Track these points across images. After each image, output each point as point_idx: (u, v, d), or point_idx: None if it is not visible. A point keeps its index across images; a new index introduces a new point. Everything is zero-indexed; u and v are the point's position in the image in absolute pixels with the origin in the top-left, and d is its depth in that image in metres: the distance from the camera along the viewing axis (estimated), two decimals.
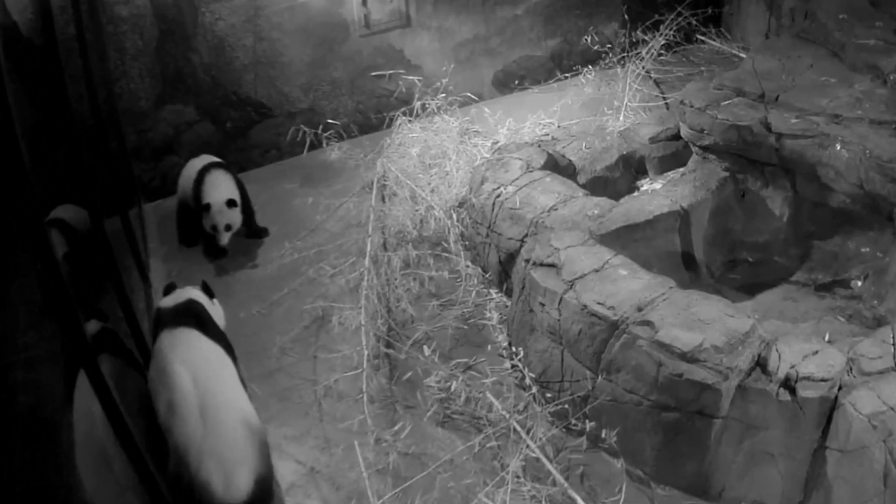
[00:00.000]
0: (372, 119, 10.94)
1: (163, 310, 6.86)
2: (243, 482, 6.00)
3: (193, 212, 8.91)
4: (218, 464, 5.96)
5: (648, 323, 6.42)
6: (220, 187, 8.89)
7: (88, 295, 6.15)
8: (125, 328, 6.91)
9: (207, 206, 8.75)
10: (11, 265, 5.05)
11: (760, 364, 6.24)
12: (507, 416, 6.96)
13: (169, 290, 7.14)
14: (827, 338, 6.93)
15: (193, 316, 6.77)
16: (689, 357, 6.17)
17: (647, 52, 11.22)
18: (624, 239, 7.74)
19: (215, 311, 7.10)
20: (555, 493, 6.47)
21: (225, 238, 8.82)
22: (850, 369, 6.12)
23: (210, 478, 5.93)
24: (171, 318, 6.72)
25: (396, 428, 7.04)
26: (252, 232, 9.26)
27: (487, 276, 8.46)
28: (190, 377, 6.21)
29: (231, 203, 8.78)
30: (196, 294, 7.06)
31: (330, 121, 10.46)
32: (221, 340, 6.75)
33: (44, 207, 4.95)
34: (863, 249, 7.95)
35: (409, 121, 10.37)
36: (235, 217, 8.88)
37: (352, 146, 10.36)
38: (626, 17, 11.68)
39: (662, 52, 11.38)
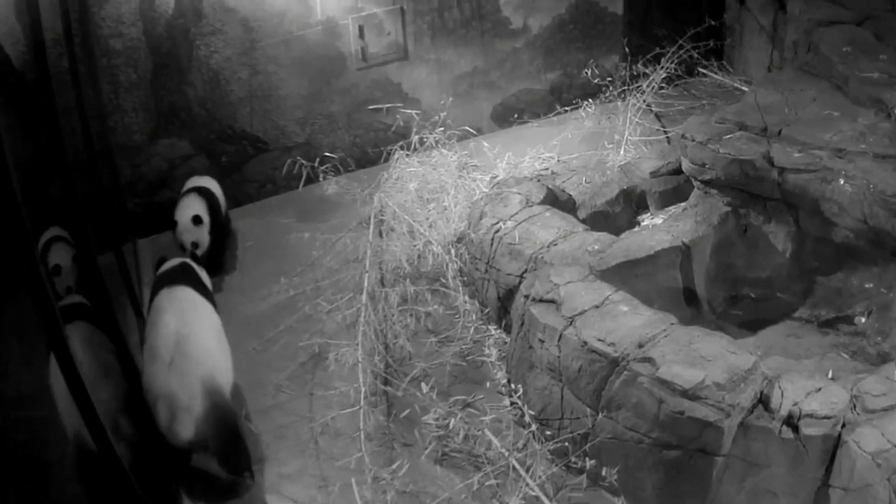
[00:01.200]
0: (369, 153, 10.99)
1: (161, 273, 7.82)
2: (184, 430, 6.77)
3: None
4: (166, 407, 6.75)
5: (649, 360, 6.45)
6: (190, 207, 9.15)
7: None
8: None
9: (175, 224, 9.06)
10: (3, 301, 5.09)
11: (763, 401, 6.27)
12: (507, 454, 6.98)
13: (161, 262, 7.97)
14: (830, 375, 6.97)
15: (190, 276, 7.73)
16: (690, 394, 6.19)
17: (647, 86, 11.24)
18: (624, 275, 7.79)
19: (204, 276, 8.09)
20: None
21: None
22: (854, 406, 6.15)
23: (158, 416, 6.76)
24: (170, 278, 7.60)
25: (394, 466, 7.04)
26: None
27: (486, 312, 8.47)
28: (174, 330, 7.00)
29: (197, 220, 8.99)
30: (188, 261, 8.05)
31: (327, 154, 10.46)
32: (211, 299, 7.71)
33: (35, 242, 5.00)
34: (867, 285, 7.97)
35: (407, 155, 10.40)
36: (201, 235, 9.05)
37: (349, 180, 10.35)
38: (626, 50, 11.72)
39: (663, 85, 11.39)
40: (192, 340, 7.01)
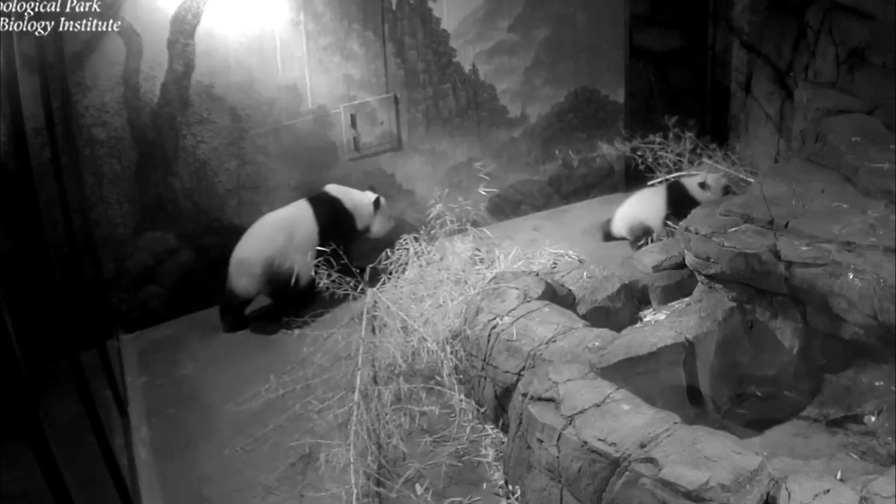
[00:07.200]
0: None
1: None
2: (243, 285, 10.16)
3: None
4: (235, 268, 10.11)
5: (652, 460, 6.49)
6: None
7: None
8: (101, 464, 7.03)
9: None
10: None
11: (769, 503, 6.36)
12: None
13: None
14: (839, 475, 6.92)
15: (316, 198, 10.50)
16: (694, 496, 6.23)
17: None
18: (626, 372, 7.81)
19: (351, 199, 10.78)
20: None
21: None
22: None
23: (230, 272, 10.10)
24: (307, 195, 10.61)
25: None
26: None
27: (483, 410, 8.50)
28: (270, 221, 10.30)
29: None
30: (335, 188, 10.76)
31: (318, 248, 10.49)
32: (322, 216, 10.43)
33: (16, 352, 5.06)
34: (877, 383, 7.98)
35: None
36: None
37: (341, 275, 10.41)
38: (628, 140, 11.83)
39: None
40: (273, 231, 10.15)
